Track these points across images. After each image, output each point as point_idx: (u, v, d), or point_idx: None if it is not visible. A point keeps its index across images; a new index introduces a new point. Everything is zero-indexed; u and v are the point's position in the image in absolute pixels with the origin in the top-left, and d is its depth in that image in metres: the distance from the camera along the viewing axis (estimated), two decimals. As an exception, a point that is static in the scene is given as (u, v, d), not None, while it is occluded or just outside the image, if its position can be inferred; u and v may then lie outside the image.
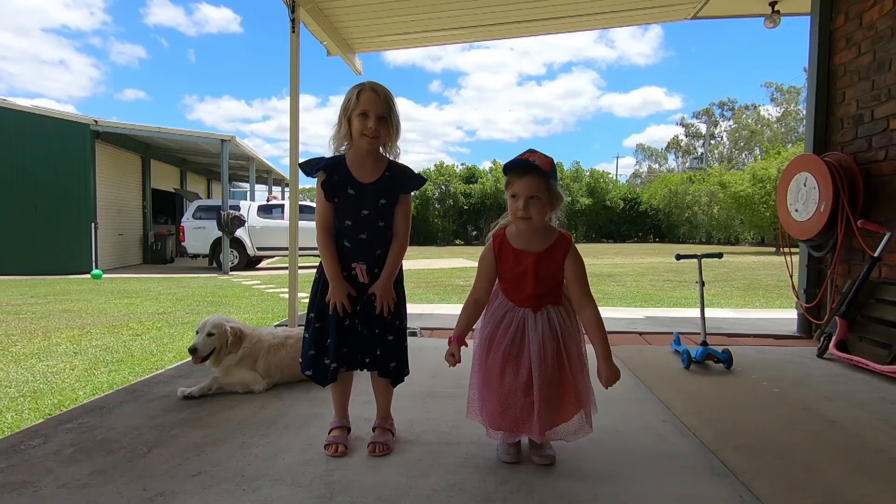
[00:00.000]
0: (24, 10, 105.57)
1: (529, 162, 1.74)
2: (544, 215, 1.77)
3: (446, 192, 34.82)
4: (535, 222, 1.76)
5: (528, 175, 1.74)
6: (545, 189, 1.74)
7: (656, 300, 7.22)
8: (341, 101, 1.89)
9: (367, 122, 1.82)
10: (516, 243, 1.81)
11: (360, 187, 1.88)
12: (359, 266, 1.90)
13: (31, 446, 1.96)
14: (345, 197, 1.88)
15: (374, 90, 1.84)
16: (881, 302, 3.27)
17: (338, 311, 1.88)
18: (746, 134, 45.75)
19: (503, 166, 1.84)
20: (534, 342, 1.76)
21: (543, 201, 1.74)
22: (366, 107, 1.82)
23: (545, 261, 1.79)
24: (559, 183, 1.81)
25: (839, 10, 3.91)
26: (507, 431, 1.83)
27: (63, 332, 5.17)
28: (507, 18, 5.19)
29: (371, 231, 1.91)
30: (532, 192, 1.73)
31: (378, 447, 1.92)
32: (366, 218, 1.89)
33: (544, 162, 1.74)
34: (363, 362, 1.94)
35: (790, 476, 1.76)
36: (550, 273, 1.80)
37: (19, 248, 12.43)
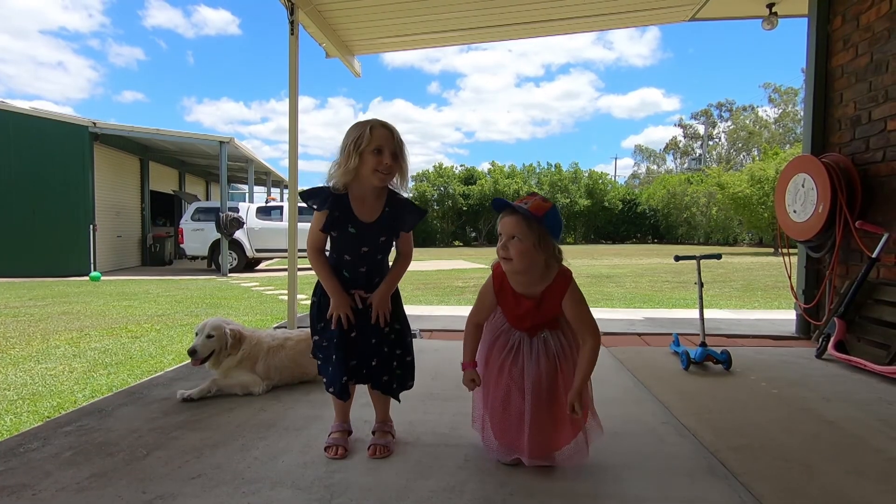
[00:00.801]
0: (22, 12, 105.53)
1: (502, 201, 1.73)
2: (526, 259, 1.70)
3: (445, 194, 34.83)
4: (516, 266, 1.71)
5: (509, 214, 1.73)
6: (528, 232, 1.68)
7: (655, 301, 7.22)
8: (346, 139, 1.83)
9: (382, 159, 1.80)
10: (516, 286, 1.78)
11: (361, 226, 1.86)
12: (357, 293, 1.91)
13: (30, 449, 1.96)
14: (345, 234, 1.87)
15: (387, 127, 1.84)
16: (879, 302, 3.28)
17: (342, 324, 1.87)
18: (744, 135, 45.84)
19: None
20: (528, 366, 1.76)
21: (526, 244, 1.68)
22: (380, 143, 1.80)
23: (545, 301, 1.77)
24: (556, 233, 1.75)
25: (836, 11, 3.92)
26: (503, 448, 1.83)
27: (62, 334, 5.16)
28: (506, 20, 5.20)
29: (370, 265, 1.93)
30: (511, 231, 1.70)
31: (378, 449, 1.92)
32: (365, 254, 1.90)
33: (536, 207, 1.70)
34: (365, 375, 1.95)
35: (789, 477, 1.76)
36: (551, 311, 1.78)
37: (17, 251, 12.41)
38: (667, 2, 4.89)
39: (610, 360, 3.34)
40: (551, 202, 1.75)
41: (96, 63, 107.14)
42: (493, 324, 1.86)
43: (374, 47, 5.81)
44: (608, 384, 2.81)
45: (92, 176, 12.73)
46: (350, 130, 1.85)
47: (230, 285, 10.13)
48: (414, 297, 7.87)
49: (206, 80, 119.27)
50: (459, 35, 5.61)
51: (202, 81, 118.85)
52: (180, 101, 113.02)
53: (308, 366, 2.78)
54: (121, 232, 14.46)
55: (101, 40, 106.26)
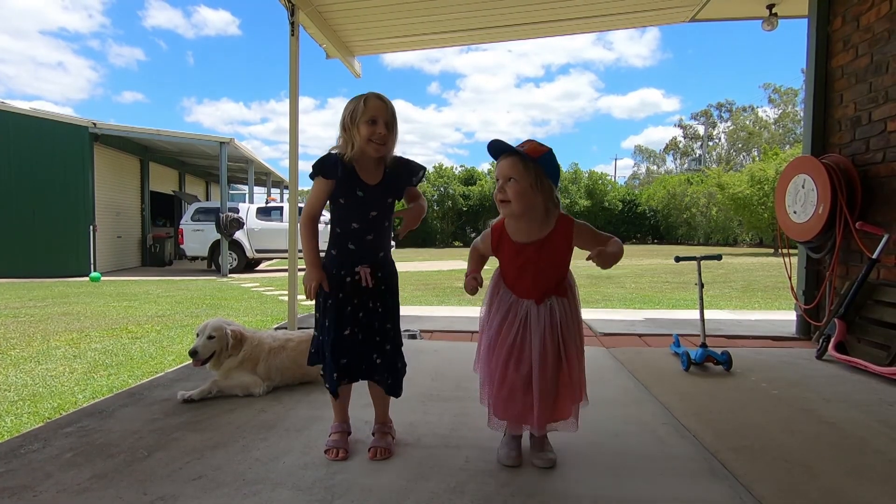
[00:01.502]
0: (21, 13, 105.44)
1: (501, 143, 1.73)
2: (524, 201, 1.71)
3: (445, 194, 34.81)
4: (514, 208, 1.72)
5: (505, 157, 1.74)
6: (524, 172, 1.69)
7: (655, 302, 7.22)
8: (343, 113, 1.89)
9: (376, 129, 1.83)
10: (516, 237, 1.79)
11: (368, 188, 1.89)
12: (363, 269, 1.90)
13: (30, 450, 1.96)
14: (353, 199, 1.89)
15: (380, 98, 1.87)
16: (880, 303, 3.28)
17: (336, 324, 1.88)
18: (744, 135, 45.85)
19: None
20: (536, 336, 1.75)
21: (523, 185, 1.70)
22: (374, 113, 1.84)
23: (547, 248, 1.76)
24: (558, 181, 1.78)
25: (836, 12, 3.92)
26: (511, 423, 1.84)
27: (62, 335, 5.16)
28: (506, 21, 5.20)
29: (377, 232, 1.93)
30: (508, 173, 1.71)
31: (379, 451, 1.92)
32: (373, 219, 1.91)
33: (532, 149, 1.72)
34: (362, 371, 1.96)
35: (789, 478, 1.76)
36: (554, 261, 1.77)
37: (17, 251, 12.41)
38: (667, 3, 4.90)
39: (610, 360, 3.34)
40: (548, 147, 1.75)
41: (96, 63, 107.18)
42: (500, 298, 1.84)
43: (374, 48, 5.81)
44: (608, 385, 2.81)
45: (92, 176, 12.74)
46: (347, 105, 1.89)
47: (230, 286, 10.13)
48: (413, 297, 7.87)
49: (206, 80, 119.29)
50: (459, 36, 5.62)
51: (202, 82, 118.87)
52: (180, 102, 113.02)
53: (308, 367, 2.78)
54: (121, 232, 14.46)
55: (101, 41, 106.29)
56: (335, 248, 1.95)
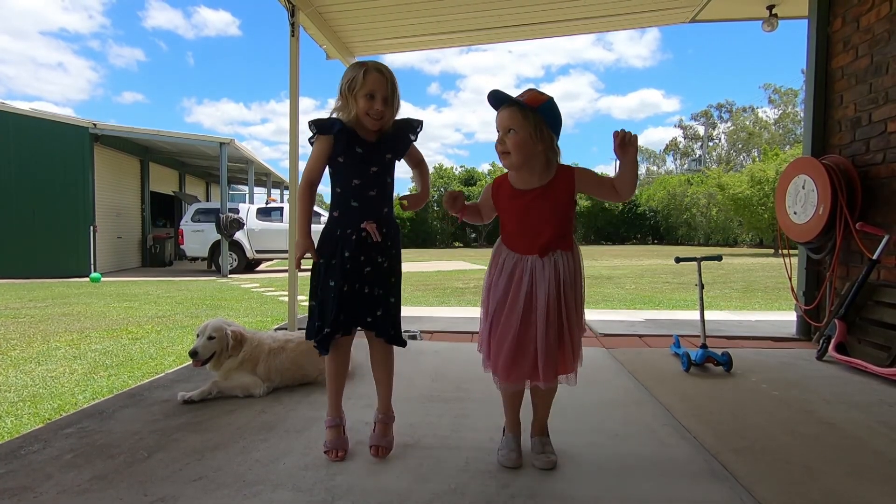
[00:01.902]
0: (21, 13, 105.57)
1: (501, 93, 1.70)
2: (523, 152, 1.69)
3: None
4: (514, 160, 1.70)
5: (503, 108, 1.71)
6: (523, 123, 1.66)
7: (655, 302, 7.22)
8: (342, 80, 1.87)
9: (373, 104, 1.83)
10: (515, 183, 1.77)
11: (367, 145, 1.89)
12: (369, 224, 1.87)
13: (30, 451, 1.95)
14: (352, 155, 1.87)
15: (381, 71, 1.85)
16: (880, 304, 3.28)
17: (340, 284, 1.85)
18: (744, 136, 45.84)
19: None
20: (541, 291, 1.71)
21: (522, 135, 1.67)
22: (373, 88, 1.82)
23: (548, 196, 1.73)
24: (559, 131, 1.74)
25: (837, 13, 3.92)
26: (515, 382, 1.79)
27: (62, 335, 5.16)
28: (506, 22, 5.20)
29: (379, 188, 1.91)
30: (507, 124, 1.69)
31: (381, 449, 1.93)
32: (374, 175, 1.90)
33: (532, 98, 1.68)
34: (364, 321, 1.92)
35: (790, 479, 1.76)
36: (556, 210, 1.74)
37: (18, 252, 12.41)
38: (667, 3, 4.90)
39: (610, 361, 3.34)
40: (549, 95, 1.71)
41: (96, 64, 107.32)
42: (504, 261, 1.80)
43: (374, 49, 5.81)
44: (608, 386, 2.81)
45: (92, 177, 12.74)
46: (346, 71, 1.88)
47: (230, 286, 10.12)
48: (414, 298, 7.87)
49: (207, 81, 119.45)
50: (459, 36, 5.62)
51: (202, 82, 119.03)
52: (180, 102, 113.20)
53: (309, 367, 2.78)
54: (121, 233, 14.46)
55: (101, 41, 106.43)
56: (337, 209, 1.91)
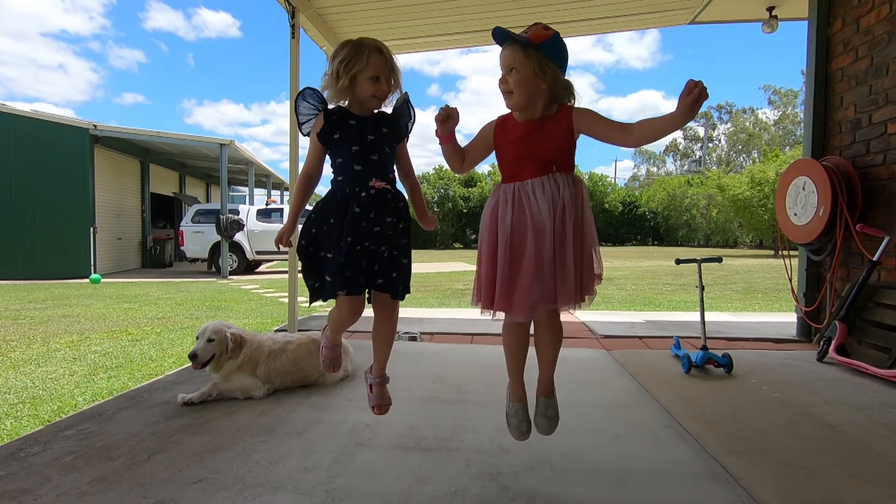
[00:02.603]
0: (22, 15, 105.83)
1: (502, 30, 1.64)
2: (525, 90, 1.62)
3: (445, 196, 34.83)
4: (517, 99, 1.64)
5: (506, 46, 1.66)
6: (525, 61, 1.60)
7: (656, 304, 7.22)
8: (335, 61, 1.81)
9: (379, 86, 1.82)
10: (518, 118, 1.72)
11: (361, 119, 1.86)
12: (377, 181, 1.82)
13: (30, 453, 1.95)
14: (347, 129, 1.85)
15: (381, 51, 1.82)
16: (880, 306, 3.27)
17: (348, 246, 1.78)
18: (744, 137, 45.87)
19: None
20: (545, 211, 1.62)
21: (524, 73, 1.61)
22: (377, 70, 1.80)
23: (547, 126, 1.66)
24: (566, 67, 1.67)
25: (836, 15, 3.93)
26: (526, 310, 1.65)
27: (62, 337, 5.15)
28: (506, 24, 5.18)
29: (380, 154, 1.86)
30: (509, 63, 1.63)
31: (383, 408, 1.97)
32: (372, 143, 1.85)
33: (535, 35, 1.62)
34: (376, 283, 1.87)
35: (791, 481, 1.76)
36: (552, 145, 1.66)
37: (18, 253, 12.41)
38: (667, 5, 4.90)
39: (611, 363, 3.33)
40: (554, 30, 1.64)
41: (97, 65, 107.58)
42: (503, 190, 1.73)
43: (374, 50, 5.81)
44: (609, 387, 2.80)
45: (92, 178, 12.74)
46: (340, 51, 1.82)
47: (230, 288, 10.12)
48: (414, 299, 7.86)
49: (207, 82, 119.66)
50: (459, 38, 5.62)
51: (202, 84, 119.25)
52: (180, 104, 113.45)
53: (309, 369, 2.78)
54: (121, 234, 14.46)
55: (101, 43, 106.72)
56: (341, 174, 1.85)
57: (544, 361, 1.84)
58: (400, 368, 3.16)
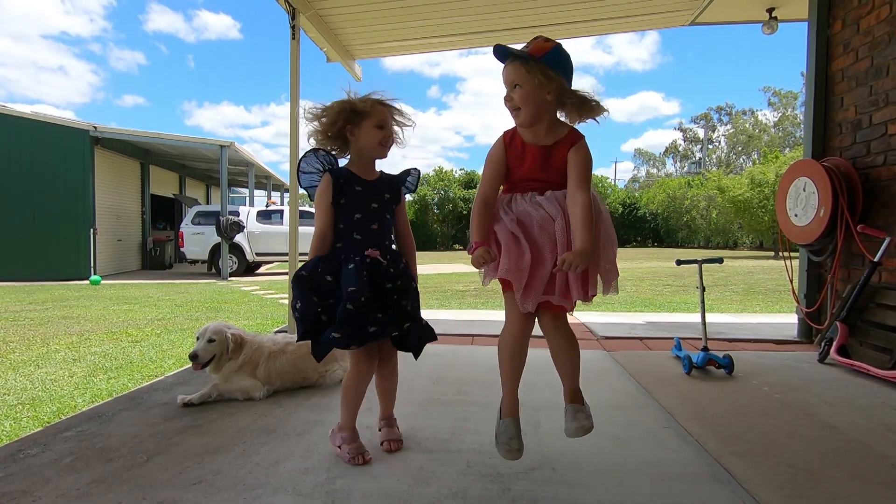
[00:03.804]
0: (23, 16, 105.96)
1: (502, 47, 1.63)
2: (532, 104, 1.62)
3: (445, 198, 34.81)
4: (524, 116, 1.63)
5: (508, 63, 1.65)
6: (528, 76, 1.60)
7: (656, 305, 7.21)
8: (333, 117, 1.87)
9: (384, 132, 1.91)
10: (525, 137, 1.71)
11: (366, 184, 1.94)
12: (372, 251, 1.88)
13: (29, 455, 1.95)
14: (352, 194, 1.91)
15: (383, 104, 1.92)
16: (882, 307, 3.27)
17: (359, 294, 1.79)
18: (744, 138, 45.90)
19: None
20: (550, 209, 1.63)
21: (528, 88, 1.60)
22: (382, 118, 1.90)
23: (553, 155, 1.67)
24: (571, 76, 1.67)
25: (837, 16, 3.93)
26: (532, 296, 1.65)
27: (62, 338, 5.15)
28: (506, 25, 5.21)
29: (381, 222, 1.95)
30: (512, 79, 1.63)
31: (393, 443, 2.01)
32: (375, 210, 1.93)
33: (536, 48, 1.61)
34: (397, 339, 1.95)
35: (793, 483, 1.75)
36: (560, 169, 1.67)
37: (18, 254, 12.41)
38: (667, 6, 4.91)
39: (611, 364, 3.33)
40: (555, 42, 1.63)
41: (97, 67, 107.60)
42: (508, 199, 1.73)
43: (374, 52, 5.82)
44: (609, 388, 2.80)
45: (92, 179, 12.75)
46: (337, 108, 1.87)
47: (230, 289, 10.12)
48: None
49: (207, 84, 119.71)
50: (459, 39, 5.63)
51: (203, 85, 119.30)
52: (181, 105, 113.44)
53: (309, 370, 2.78)
54: (121, 236, 14.46)
55: (102, 45, 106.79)
56: (341, 241, 1.92)
57: (566, 375, 1.79)
58: (400, 369, 3.15)
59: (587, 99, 1.69)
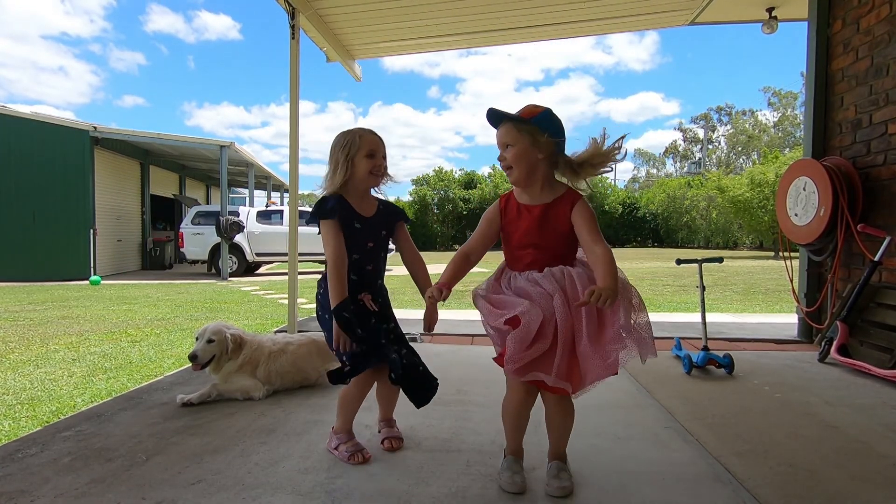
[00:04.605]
0: (23, 17, 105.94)
1: (494, 111, 1.70)
2: (524, 163, 1.67)
3: (445, 198, 34.84)
4: (517, 174, 1.68)
5: (501, 125, 1.71)
6: (519, 136, 1.66)
7: (656, 305, 7.21)
8: (335, 150, 1.94)
9: (376, 161, 1.94)
10: (521, 199, 1.75)
11: (364, 220, 1.97)
12: (365, 296, 1.95)
13: (28, 455, 1.94)
14: (352, 231, 1.93)
15: (373, 133, 1.96)
16: (882, 306, 3.26)
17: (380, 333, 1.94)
18: (744, 139, 45.92)
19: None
20: (550, 285, 1.63)
21: (520, 147, 1.66)
22: (372, 147, 1.94)
23: (551, 214, 1.69)
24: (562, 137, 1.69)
25: (836, 15, 3.93)
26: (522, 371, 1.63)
27: (61, 338, 5.14)
28: (505, 24, 5.21)
29: (375, 263, 2.01)
30: (504, 140, 1.69)
31: (394, 441, 2.02)
32: (371, 250, 1.98)
33: (527, 112, 1.68)
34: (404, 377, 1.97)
35: (794, 482, 1.75)
36: (556, 229, 1.68)
37: (17, 255, 12.41)
38: (666, 6, 4.91)
39: (611, 364, 3.32)
40: (545, 107, 1.69)
41: (97, 68, 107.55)
42: (509, 276, 1.73)
43: (374, 51, 5.82)
44: (609, 388, 2.79)
45: (92, 180, 12.75)
46: (338, 141, 1.96)
47: (230, 289, 10.11)
48: (414, 301, 7.85)
49: (207, 84, 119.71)
50: (459, 39, 5.63)
51: (203, 86, 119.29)
52: (181, 106, 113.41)
53: (309, 370, 2.77)
54: (121, 236, 14.46)
55: (102, 45, 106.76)
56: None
57: (555, 437, 1.79)
58: (400, 369, 3.16)
59: (583, 161, 1.70)
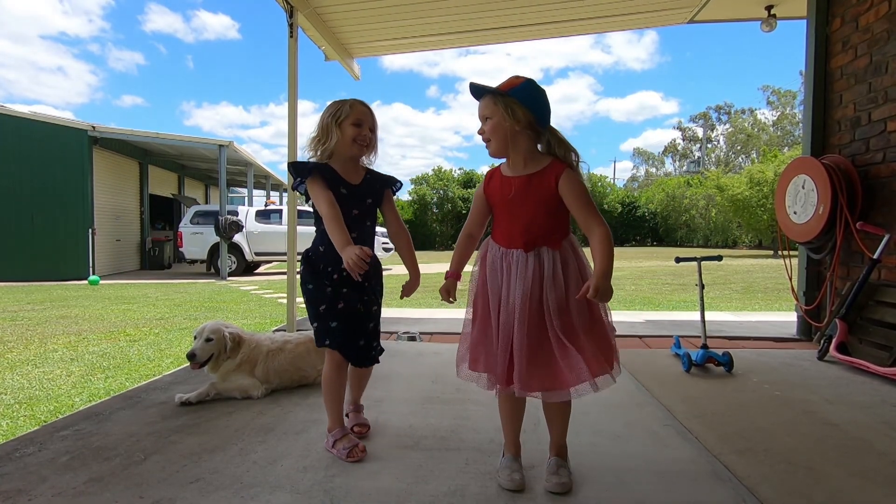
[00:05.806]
0: (22, 17, 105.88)
1: (475, 85, 1.72)
2: (500, 135, 1.68)
3: (444, 197, 34.84)
4: (494, 146, 1.70)
5: (481, 97, 1.73)
6: (495, 108, 1.67)
7: (655, 303, 7.21)
8: (324, 115, 1.97)
9: (361, 131, 1.95)
10: (506, 172, 1.76)
11: (350, 187, 1.97)
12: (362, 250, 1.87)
13: (26, 454, 1.93)
14: (339, 197, 1.92)
15: (364, 104, 1.98)
16: (881, 304, 3.26)
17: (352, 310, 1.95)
18: (743, 137, 45.94)
19: None
20: (518, 289, 1.63)
21: (496, 119, 1.67)
22: (360, 117, 1.95)
23: (535, 184, 1.67)
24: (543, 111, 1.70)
25: (835, 13, 3.92)
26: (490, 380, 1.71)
27: (60, 338, 5.13)
28: (504, 23, 5.20)
29: (361, 231, 1.99)
30: (483, 113, 1.72)
31: (364, 428, 2.11)
32: (356, 217, 1.97)
33: (505, 84, 1.68)
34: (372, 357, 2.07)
35: (793, 480, 1.75)
36: (539, 201, 1.67)
37: (16, 254, 12.39)
38: (665, 4, 4.90)
39: (611, 362, 3.32)
40: (526, 79, 1.68)
41: (96, 68, 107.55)
42: (490, 252, 1.76)
43: (373, 50, 5.81)
44: (609, 387, 2.79)
45: (91, 180, 12.73)
46: (329, 107, 1.97)
47: (229, 289, 10.10)
48: (413, 300, 7.85)
49: (206, 84, 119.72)
50: (457, 38, 5.62)
51: (202, 86, 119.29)
52: (180, 106, 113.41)
53: (307, 369, 2.77)
54: (120, 236, 14.44)
55: (100, 45, 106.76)
56: (323, 245, 1.95)
57: (555, 428, 1.82)
58: (399, 368, 3.15)
59: (566, 143, 1.73)
